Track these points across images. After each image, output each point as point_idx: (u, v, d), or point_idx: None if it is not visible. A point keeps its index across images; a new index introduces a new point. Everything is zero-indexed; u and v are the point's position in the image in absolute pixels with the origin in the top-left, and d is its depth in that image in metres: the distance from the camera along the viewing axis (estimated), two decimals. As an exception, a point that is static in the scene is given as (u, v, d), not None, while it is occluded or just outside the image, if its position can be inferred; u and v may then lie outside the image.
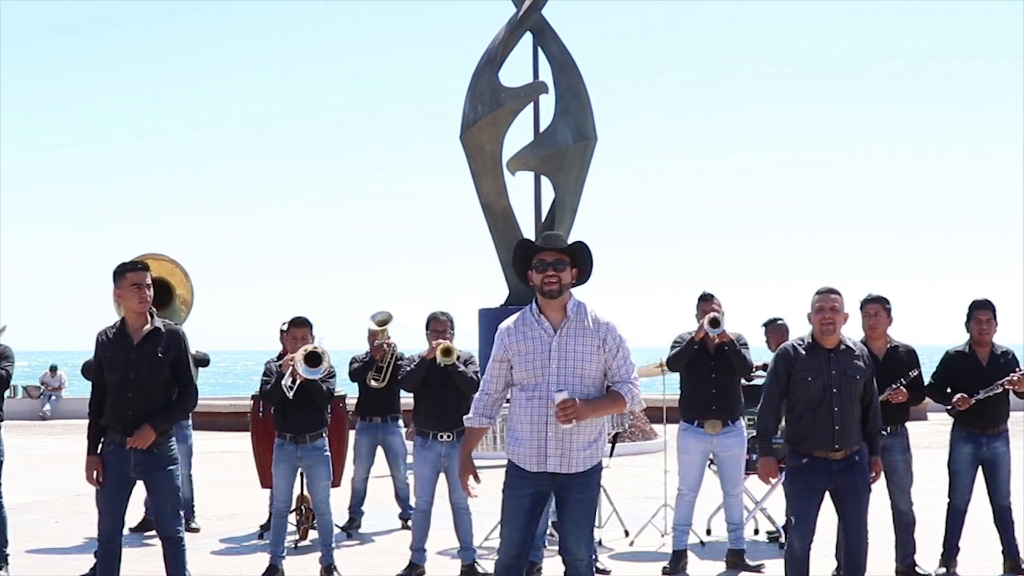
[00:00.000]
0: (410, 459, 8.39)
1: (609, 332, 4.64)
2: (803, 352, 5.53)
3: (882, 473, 5.68)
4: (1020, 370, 6.60)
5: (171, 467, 5.46)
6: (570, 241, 4.73)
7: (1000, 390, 6.55)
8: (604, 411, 4.66)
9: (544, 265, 4.58)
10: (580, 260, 4.66)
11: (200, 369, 8.68)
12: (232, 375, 63.27)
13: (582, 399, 4.51)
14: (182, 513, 5.73)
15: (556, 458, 4.55)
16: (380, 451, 8.79)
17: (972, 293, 6.83)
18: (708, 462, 7.37)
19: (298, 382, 6.75)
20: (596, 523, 7.97)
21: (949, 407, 6.71)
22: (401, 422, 8.85)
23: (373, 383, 8.49)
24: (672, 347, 7.31)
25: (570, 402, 4.45)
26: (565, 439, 4.54)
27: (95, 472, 5.43)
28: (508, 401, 4.82)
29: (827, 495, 5.52)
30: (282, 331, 8.11)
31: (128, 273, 5.41)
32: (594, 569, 7.03)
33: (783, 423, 5.76)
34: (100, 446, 5.47)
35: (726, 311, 7.21)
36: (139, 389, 5.36)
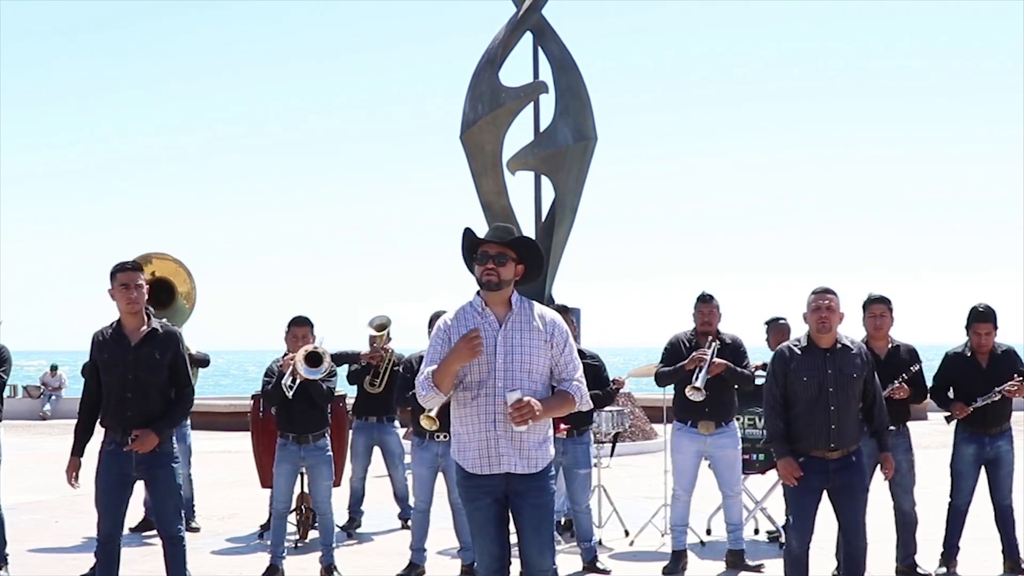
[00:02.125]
0: (408, 459, 8.40)
1: (556, 328, 4.45)
2: (799, 352, 5.55)
3: (894, 468, 5.67)
4: (1017, 376, 6.57)
5: (172, 464, 5.46)
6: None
7: (998, 397, 6.54)
8: (557, 411, 4.44)
9: (485, 257, 4.38)
10: (527, 257, 4.47)
11: (200, 369, 8.70)
12: (232, 375, 63.26)
13: (534, 399, 4.27)
14: (183, 513, 5.72)
15: (510, 457, 4.31)
16: (377, 451, 8.81)
17: (971, 293, 6.91)
18: (703, 462, 7.34)
19: (298, 382, 6.76)
20: (596, 523, 8.01)
21: (947, 415, 6.72)
22: (397, 423, 8.88)
23: (370, 388, 8.52)
24: (664, 352, 7.24)
25: (525, 402, 4.20)
26: (515, 438, 4.31)
27: (74, 474, 5.45)
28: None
29: (826, 495, 5.53)
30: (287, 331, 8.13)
31: (118, 273, 5.39)
32: (596, 567, 7.10)
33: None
34: (100, 446, 5.47)
35: (725, 311, 7.19)
36: (138, 390, 5.35)
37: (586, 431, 7.32)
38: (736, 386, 7.15)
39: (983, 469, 6.72)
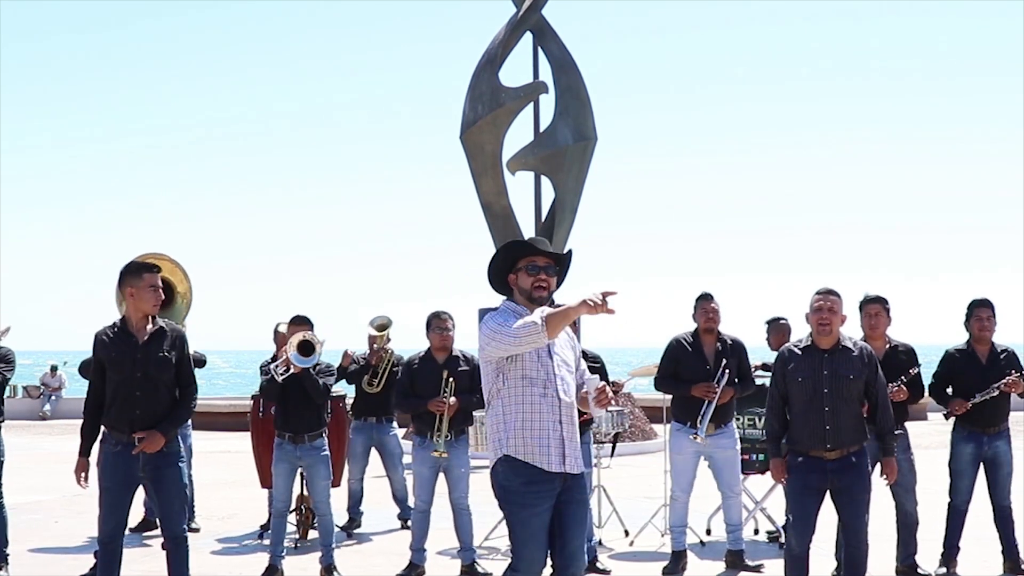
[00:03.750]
0: (407, 459, 8.41)
1: (574, 337, 4.73)
2: (798, 353, 5.57)
3: (896, 473, 5.68)
4: (1015, 373, 6.59)
5: (180, 464, 5.47)
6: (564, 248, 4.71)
7: (996, 393, 6.55)
8: None
9: (536, 269, 4.47)
10: (563, 270, 4.61)
11: (196, 370, 8.70)
12: (241, 375, 63.26)
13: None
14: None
15: (571, 457, 4.44)
16: (375, 453, 8.80)
17: (971, 293, 6.85)
18: (702, 462, 7.32)
19: (291, 371, 6.75)
20: (596, 523, 8.01)
21: (946, 412, 6.72)
22: (396, 423, 8.87)
23: (368, 388, 8.51)
24: (665, 354, 7.19)
25: (604, 386, 4.45)
26: (572, 436, 4.45)
27: (83, 474, 5.44)
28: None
29: (828, 496, 5.53)
30: (276, 331, 8.14)
31: (145, 274, 5.42)
32: (595, 566, 7.09)
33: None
34: (101, 446, 5.46)
35: (725, 311, 7.18)
36: (146, 388, 5.35)
37: (586, 431, 7.32)
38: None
39: (982, 469, 6.73)
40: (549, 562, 4.49)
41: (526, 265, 4.47)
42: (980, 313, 6.69)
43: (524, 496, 4.35)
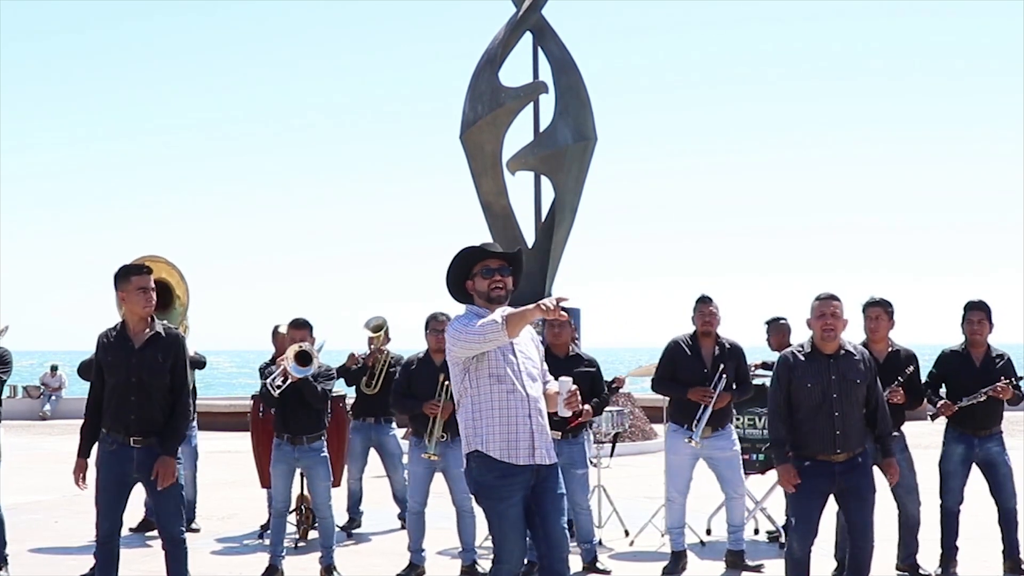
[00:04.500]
0: (405, 459, 8.41)
1: (536, 336, 4.83)
2: (802, 359, 5.54)
3: (898, 474, 5.69)
4: (1007, 379, 6.58)
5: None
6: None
7: (984, 398, 6.54)
8: None
9: (490, 271, 4.61)
10: (517, 270, 4.71)
11: (196, 371, 8.70)
12: (233, 375, 63.30)
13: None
14: (183, 514, 5.71)
15: (541, 450, 4.56)
16: (374, 453, 8.80)
17: (971, 293, 6.85)
18: (702, 463, 7.33)
19: (288, 381, 6.75)
20: (596, 523, 8.01)
21: (932, 413, 6.73)
22: (395, 423, 8.87)
23: (365, 389, 8.52)
24: (663, 355, 7.19)
25: (575, 390, 4.62)
26: (542, 428, 4.59)
27: (81, 475, 5.44)
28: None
29: (831, 497, 5.53)
30: (275, 332, 8.13)
31: (133, 277, 5.39)
32: (596, 566, 7.10)
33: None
34: (96, 447, 5.45)
35: (725, 311, 7.18)
36: (141, 393, 5.34)
37: (581, 432, 7.31)
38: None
39: (978, 471, 6.72)
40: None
41: (480, 269, 4.63)
42: (972, 316, 6.69)
43: (499, 490, 4.50)
